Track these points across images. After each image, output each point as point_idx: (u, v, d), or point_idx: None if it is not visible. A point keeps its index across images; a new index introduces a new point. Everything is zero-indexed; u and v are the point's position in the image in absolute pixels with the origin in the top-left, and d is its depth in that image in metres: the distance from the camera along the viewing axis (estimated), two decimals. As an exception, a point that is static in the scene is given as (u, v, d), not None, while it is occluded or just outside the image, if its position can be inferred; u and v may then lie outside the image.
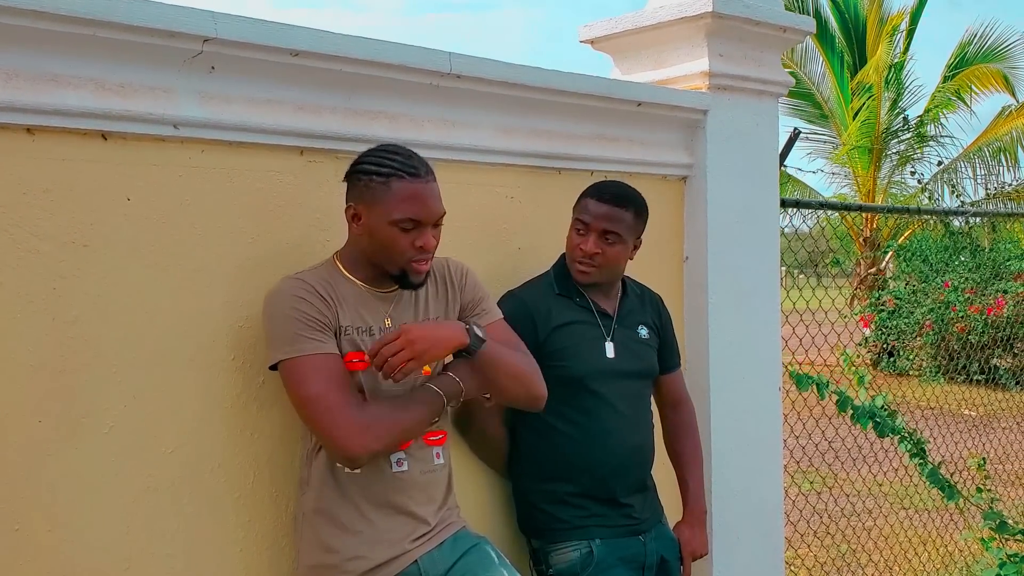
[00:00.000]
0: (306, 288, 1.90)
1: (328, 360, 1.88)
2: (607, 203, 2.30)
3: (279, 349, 1.88)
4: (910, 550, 4.79)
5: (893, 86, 14.34)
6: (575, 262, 2.34)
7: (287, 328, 1.87)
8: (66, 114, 1.80)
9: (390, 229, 1.90)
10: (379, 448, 1.90)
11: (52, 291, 1.81)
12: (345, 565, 1.93)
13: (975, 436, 6.52)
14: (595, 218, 2.30)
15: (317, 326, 1.88)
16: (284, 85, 2.08)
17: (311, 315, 1.88)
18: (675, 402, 2.59)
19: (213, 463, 2.01)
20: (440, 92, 2.32)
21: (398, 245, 1.91)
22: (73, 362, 1.83)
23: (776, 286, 3.14)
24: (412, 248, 1.92)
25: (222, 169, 2.02)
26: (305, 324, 1.87)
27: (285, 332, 1.87)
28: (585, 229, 2.31)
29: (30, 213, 1.78)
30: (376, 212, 1.90)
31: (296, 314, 1.87)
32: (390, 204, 1.89)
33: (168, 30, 1.85)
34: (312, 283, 1.92)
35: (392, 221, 1.89)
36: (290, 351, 1.87)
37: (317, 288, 1.91)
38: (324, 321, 1.90)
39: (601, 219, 2.29)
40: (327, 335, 1.90)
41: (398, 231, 1.90)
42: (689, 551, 2.45)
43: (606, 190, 2.35)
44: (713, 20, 2.80)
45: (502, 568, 2.04)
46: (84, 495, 1.85)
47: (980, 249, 11.19)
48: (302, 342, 1.87)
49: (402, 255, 1.92)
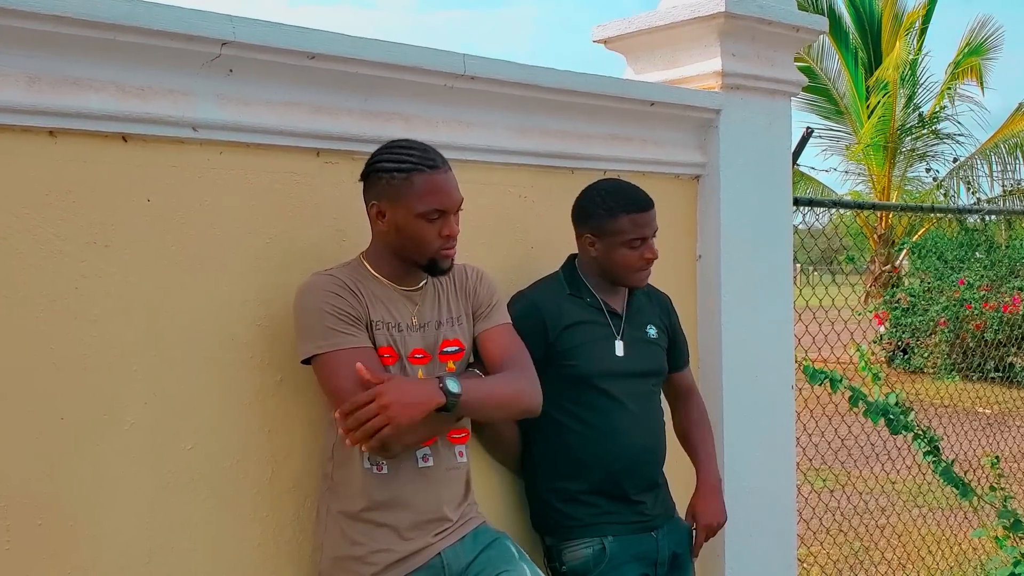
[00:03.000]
0: (337, 283, 1.94)
1: (362, 353, 1.91)
2: (646, 210, 2.35)
3: (312, 343, 1.91)
4: (923, 548, 4.78)
5: (908, 83, 14.29)
6: (637, 272, 2.36)
7: (320, 322, 1.91)
8: (87, 117, 1.83)
9: (417, 222, 1.95)
10: (411, 440, 1.94)
11: (74, 290, 1.84)
12: (370, 557, 1.97)
13: (990, 434, 6.50)
14: (648, 227, 2.35)
15: (350, 320, 1.92)
16: (301, 87, 2.11)
17: (344, 309, 1.92)
18: (685, 395, 2.63)
19: (232, 459, 2.04)
20: (454, 93, 2.34)
21: (426, 236, 1.97)
22: (94, 360, 1.86)
23: (789, 284, 3.15)
24: (439, 237, 1.98)
25: (240, 170, 2.05)
26: (338, 318, 1.91)
27: (318, 326, 1.91)
28: (641, 242, 2.34)
29: (53, 214, 1.81)
30: (401, 207, 1.95)
31: (329, 308, 1.91)
32: (414, 198, 1.94)
33: (187, 34, 1.88)
34: (343, 278, 1.96)
35: (419, 214, 1.95)
36: (324, 345, 1.90)
37: (347, 283, 1.95)
38: (356, 315, 1.93)
39: (652, 223, 2.36)
40: (360, 328, 1.94)
41: (425, 222, 1.96)
42: (704, 523, 2.46)
43: (637, 198, 2.36)
44: (726, 20, 2.81)
45: (523, 563, 2.07)
46: (105, 491, 1.88)
47: (996, 246, 11.13)
48: (335, 336, 1.90)
49: (430, 245, 1.98)
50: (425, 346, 2.03)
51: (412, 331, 2.02)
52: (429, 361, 2.04)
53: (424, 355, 2.03)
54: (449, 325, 2.08)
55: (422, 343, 2.03)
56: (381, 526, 1.97)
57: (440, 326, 2.07)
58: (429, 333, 2.05)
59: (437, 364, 2.05)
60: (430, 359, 2.04)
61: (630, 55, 3.12)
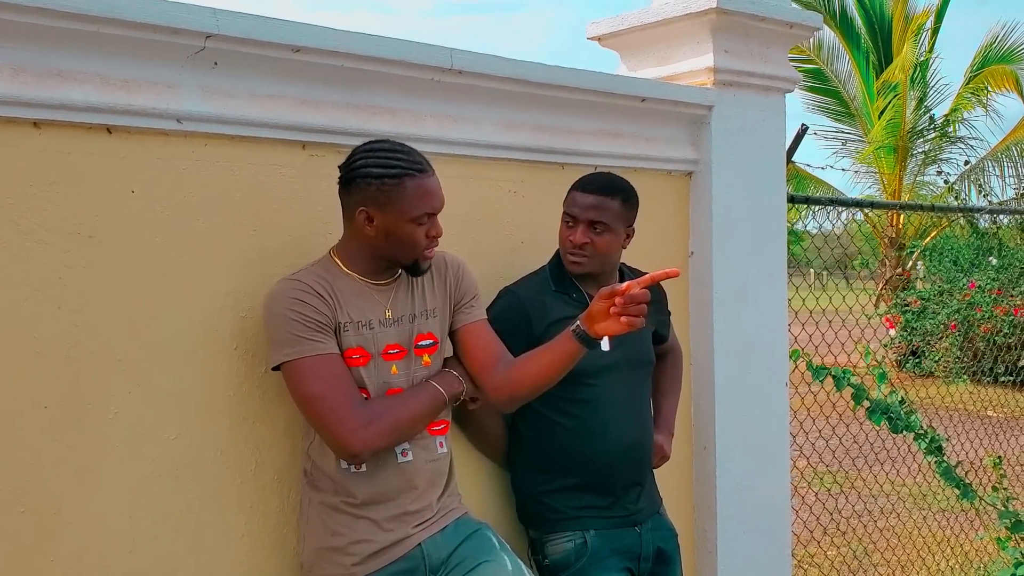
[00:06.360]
0: (303, 288, 1.94)
1: (329, 360, 1.92)
2: (592, 193, 2.33)
3: (280, 351, 1.93)
4: (924, 550, 4.76)
5: (919, 85, 14.21)
6: (567, 254, 2.36)
7: (287, 330, 1.91)
8: (71, 108, 1.84)
9: (408, 226, 1.97)
10: (380, 445, 1.95)
11: (58, 280, 1.86)
12: (351, 548, 1.98)
13: (998, 437, 6.46)
14: (582, 209, 2.32)
15: (316, 327, 1.92)
16: (286, 80, 2.12)
17: (309, 316, 1.92)
18: (663, 353, 2.64)
19: (216, 450, 2.05)
20: (442, 87, 2.35)
21: (416, 239, 1.98)
22: (78, 350, 1.88)
23: (783, 281, 3.14)
24: (426, 239, 2.00)
25: (225, 162, 2.06)
26: (304, 325, 1.91)
27: (285, 334, 1.92)
28: (573, 221, 2.34)
29: (37, 205, 1.83)
30: (393, 212, 1.95)
31: (295, 316, 1.91)
32: (407, 203, 1.95)
33: (171, 26, 1.89)
34: (309, 283, 1.95)
35: (412, 218, 1.96)
36: (291, 353, 1.91)
37: (314, 287, 1.95)
38: (323, 321, 1.94)
39: (588, 209, 2.32)
40: (326, 335, 1.94)
41: (415, 226, 1.97)
42: (661, 456, 2.53)
43: (591, 181, 2.37)
44: (718, 16, 2.81)
45: (503, 553, 2.08)
46: (89, 479, 1.90)
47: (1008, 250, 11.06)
48: (302, 343, 1.91)
49: (418, 247, 2.00)
50: (400, 340, 2.04)
51: (385, 327, 2.02)
52: (404, 356, 2.04)
53: (399, 350, 2.03)
54: (423, 318, 2.09)
55: (396, 337, 2.04)
56: (361, 518, 1.99)
57: (414, 319, 2.07)
58: (403, 327, 2.05)
59: (412, 358, 2.06)
60: (405, 353, 2.05)
61: (624, 52, 3.13)
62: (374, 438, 1.91)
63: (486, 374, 2.10)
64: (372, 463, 1.98)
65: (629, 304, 1.88)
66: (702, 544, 2.98)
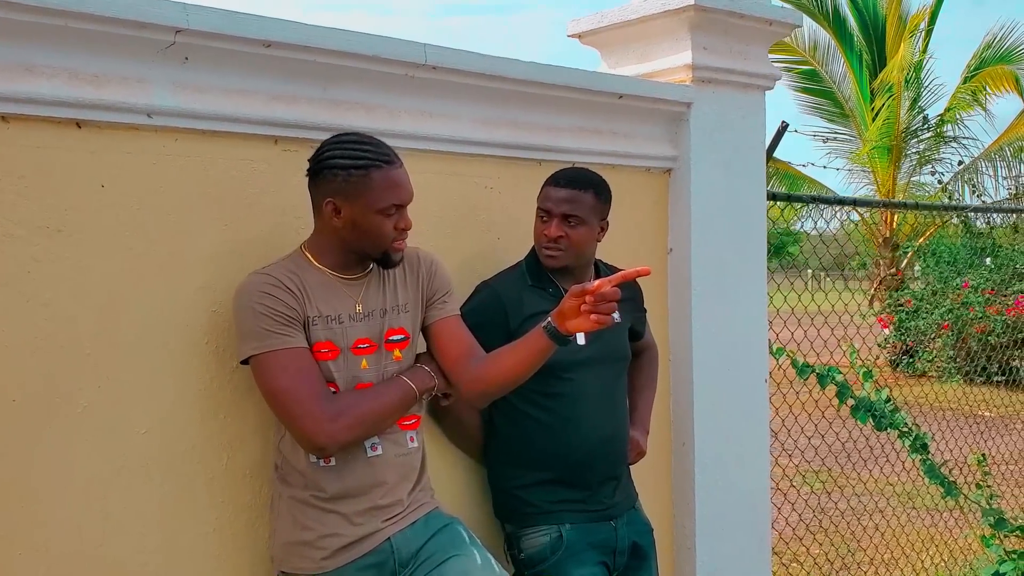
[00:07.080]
0: (272, 282, 1.94)
1: (296, 354, 1.93)
2: (565, 187, 2.34)
3: (248, 344, 1.93)
4: (910, 548, 4.76)
5: (913, 86, 14.23)
6: (542, 249, 2.37)
7: (255, 323, 1.92)
8: (40, 103, 1.84)
9: (375, 217, 1.96)
10: (348, 439, 1.95)
11: (27, 274, 1.86)
12: (320, 542, 1.98)
13: (990, 437, 6.46)
14: (556, 203, 2.33)
15: (284, 320, 1.93)
16: (258, 75, 2.12)
17: (278, 310, 1.93)
18: (639, 350, 2.64)
19: (187, 444, 2.05)
20: (416, 83, 2.35)
21: (384, 231, 1.98)
22: (47, 343, 1.88)
23: (763, 278, 3.15)
24: (395, 230, 2.00)
25: (196, 157, 2.06)
26: (272, 319, 1.92)
27: (253, 327, 1.92)
28: (548, 216, 2.35)
29: (5, 198, 1.83)
30: (360, 204, 1.95)
31: (263, 309, 1.92)
32: (374, 194, 1.95)
33: (140, 21, 1.89)
34: (278, 276, 1.96)
35: (378, 210, 1.96)
36: (259, 346, 1.92)
37: (284, 281, 1.95)
38: (291, 315, 1.94)
39: (561, 203, 2.33)
40: (295, 329, 1.94)
41: (383, 218, 1.97)
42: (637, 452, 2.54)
43: (564, 176, 2.38)
44: (696, 13, 2.81)
45: (472, 547, 2.08)
46: (58, 473, 1.89)
47: (1001, 250, 11.09)
48: (270, 337, 1.91)
49: (386, 239, 2.00)
50: (370, 335, 2.04)
51: (355, 321, 2.02)
52: (375, 350, 2.04)
53: (370, 344, 2.04)
54: (395, 313, 2.09)
55: (367, 332, 2.04)
56: (330, 512, 1.99)
57: (385, 314, 2.07)
58: (374, 322, 2.05)
59: (383, 353, 2.06)
60: (376, 348, 2.05)
61: (604, 49, 3.13)
62: (341, 432, 1.91)
63: (458, 369, 2.11)
64: (341, 457, 1.99)
65: (599, 302, 1.89)
66: (681, 540, 2.98)
